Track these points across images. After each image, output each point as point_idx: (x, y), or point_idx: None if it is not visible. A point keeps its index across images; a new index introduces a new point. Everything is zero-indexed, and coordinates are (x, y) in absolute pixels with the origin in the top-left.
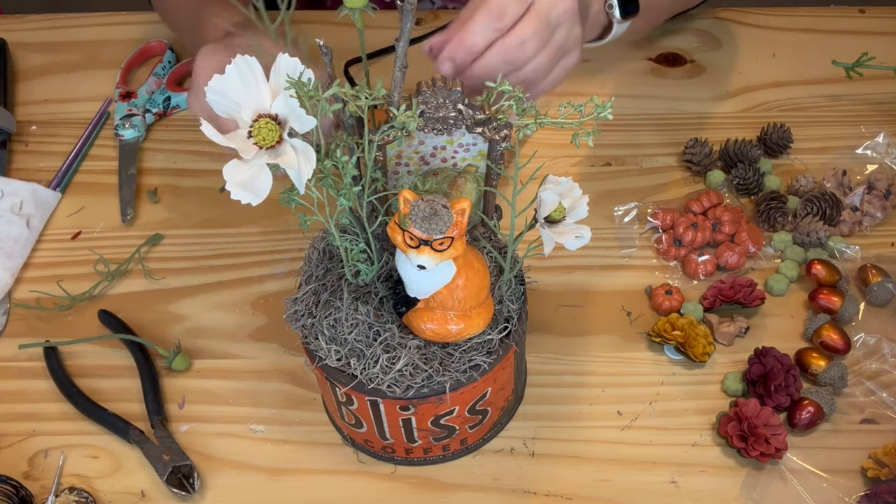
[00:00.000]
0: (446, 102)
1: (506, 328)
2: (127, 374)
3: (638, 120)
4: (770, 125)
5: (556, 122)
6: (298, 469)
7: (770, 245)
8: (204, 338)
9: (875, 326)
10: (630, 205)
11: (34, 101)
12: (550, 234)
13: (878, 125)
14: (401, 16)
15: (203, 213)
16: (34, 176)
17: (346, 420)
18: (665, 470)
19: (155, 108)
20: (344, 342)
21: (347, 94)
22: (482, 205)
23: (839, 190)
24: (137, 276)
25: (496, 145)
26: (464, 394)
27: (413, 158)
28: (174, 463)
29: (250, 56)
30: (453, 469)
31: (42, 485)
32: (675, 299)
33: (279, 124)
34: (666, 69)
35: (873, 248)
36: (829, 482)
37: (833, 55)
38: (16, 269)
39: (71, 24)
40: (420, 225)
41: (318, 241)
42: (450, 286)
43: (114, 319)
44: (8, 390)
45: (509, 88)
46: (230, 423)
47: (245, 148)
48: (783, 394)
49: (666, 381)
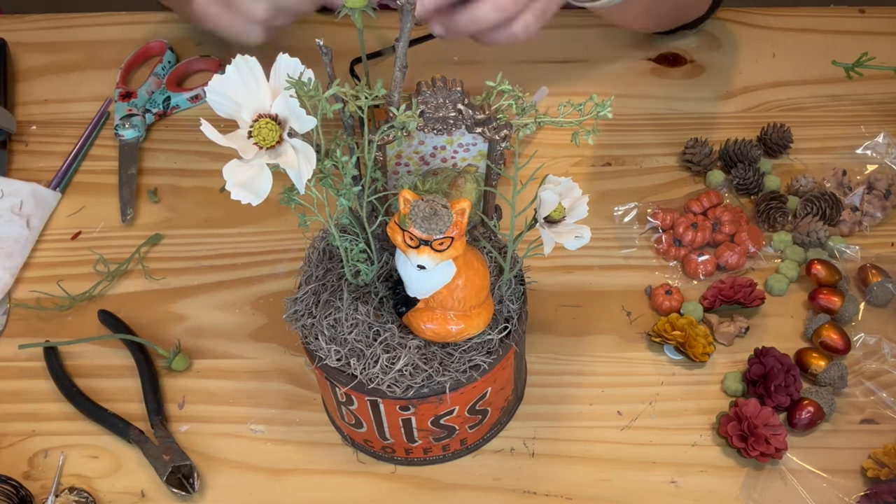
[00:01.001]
0: (446, 102)
1: (506, 328)
2: (127, 374)
3: (638, 120)
4: (770, 125)
5: (555, 122)
6: (298, 469)
7: (770, 245)
8: (204, 338)
9: (875, 326)
10: (630, 205)
11: (34, 101)
12: (550, 234)
13: (878, 125)
14: (401, 16)
15: (203, 213)
16: (34, 176)
17: (346, 420)
18: (665, 470)
19: (155, 108)
20: (344, 342)
21: (347, 95)
22: (482, 205)
23: (839, 190)
24: (137, 276)
25: (496, 145)
26: (464, 394)
27: (413, 158)
28: (174, 463)
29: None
30: (453, 469)
31: (42, 485)
32: (675, 299)
33: (279, 124)
34: (666, 69)
35: (873, 248)
36: (829, 482)
37: (833, 55)
38: (16, 269)
39: (71, 24)
40: (420, 225)
41: (318, 241)
42: (450, 286)
43: (114, 319)
44: (8, 390)
45: (509, 88)
46: (230, 423)
47: (245, 148)
48: (783, 394)
49: (666, 381)
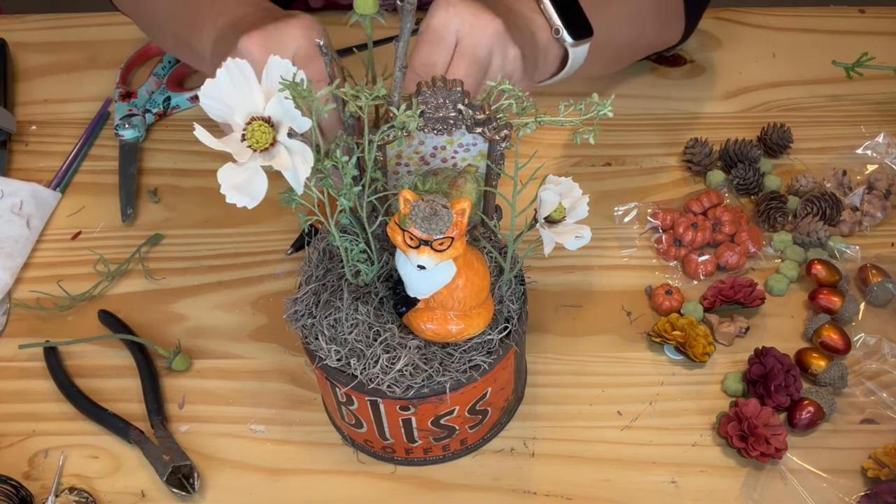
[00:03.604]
0: (446, 102)
1: (506, 328)
2: (127, 374)
3: (638, 120)
4: (770, 125)
5: (555, 121)
6: (298, 469)
7: (770, 245)
8: (204, 338)
9: (875, 326)
10: (630, 205)
11: (34, 101)
12: (550, 234)
13: (878, 125)
14: (401, 16)
15: (203, 213)
16: (34, 176)
17: (346, 420)
18: (665, 470)
19: (155, 108)
20: (344, 342)
21: (347, 95)
22: (482, 205)
23: (839, 190)
24: (137, 276)
25: (496, 145)
26: (464, 394)
27: (413, 158)
28: (174, 463)
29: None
30: (453, 469)
31: (42, 485)
32: (675, 299)
33: (272, 126)
34: (666, 69)
35: (873, 248)
36: (829, 482)
37: (833, 55)
38: (16, 269)
39: (71, 24)
40: (420, 225)
41: (318, 241)
42: (450, 286)
43: (114, 319)
44: (8, 390)
45: (509, 87)
46: (230, 423)
47: (239, 151)
48: (783, 394)
49: (666, 381)
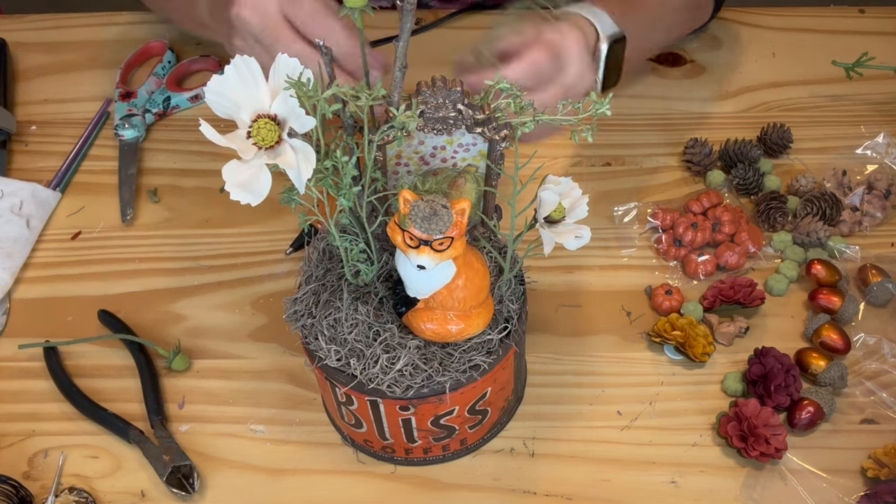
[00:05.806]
0: (446, 102)
1: (506, 328)
2: (127, 374)
3: (638, 120)
4: (770, 125)
5: (554, 120)
6: (298, 469)
7: (770, 245)
8: (204, 338)
9: (875, 326)
10: (630, 205)
11: (34, 101)
12: (550, 234)
13: (878, 125)
14: (401, 16)
15: (203, 213)
16: (34, 176)
17: (346, 420)
18: (665, 470)
19: (155, 108)
20: (344, 342)
21: (347, 95)
22: (482, 205)
23: (839, 190)
24: (137, 276)
25: (496, 145)
26: (464, 394)
27: (413, 158)
28: (174, 463)
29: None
30: (453, 469)
31: (42, 485)
32: (675, 299)
33: (278, 124)
34: (666, 69)
35: (873, 248)
36: (829, 482)
37: (833, 55)
38: (16, 269)
39: (71, 24)
40: (420, 225)
41: (318, 241)
42: (450, 286)
43: (114, 319)
44: (8, 390)
45: (507, 86)
46: (230, 423)
47: (244, 148)
48: (783, 394)
49: (666, 381)
